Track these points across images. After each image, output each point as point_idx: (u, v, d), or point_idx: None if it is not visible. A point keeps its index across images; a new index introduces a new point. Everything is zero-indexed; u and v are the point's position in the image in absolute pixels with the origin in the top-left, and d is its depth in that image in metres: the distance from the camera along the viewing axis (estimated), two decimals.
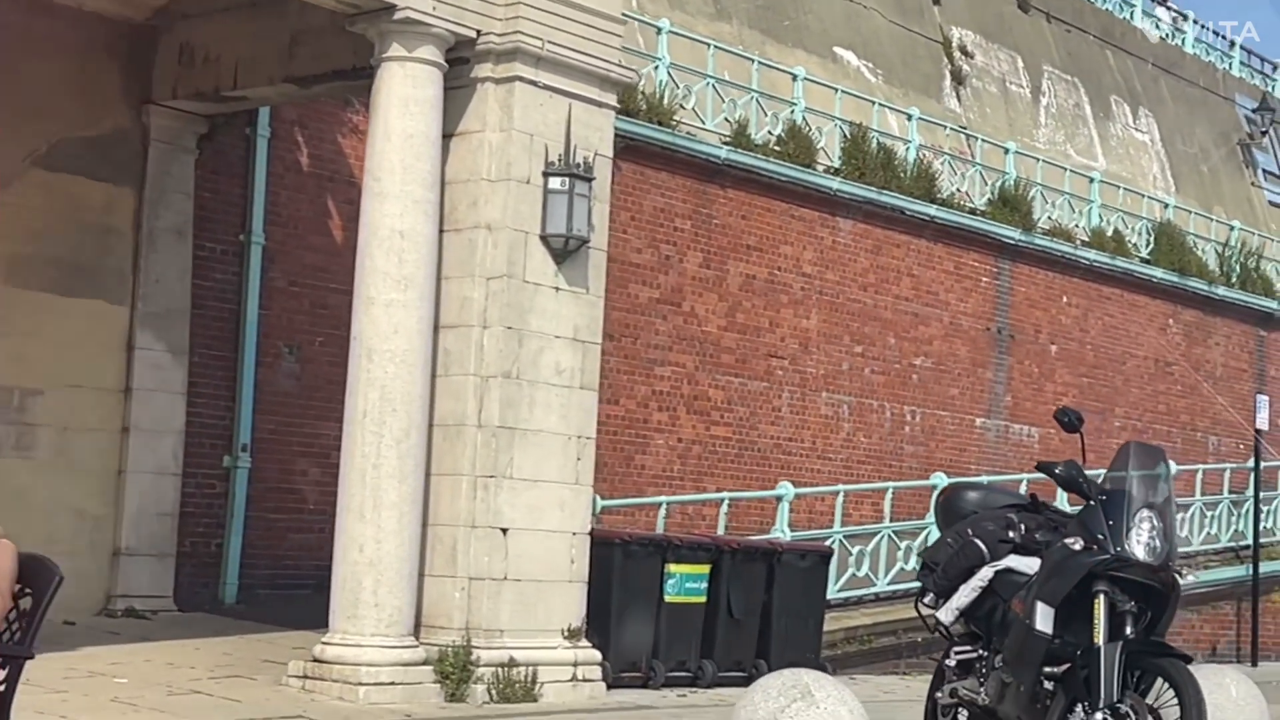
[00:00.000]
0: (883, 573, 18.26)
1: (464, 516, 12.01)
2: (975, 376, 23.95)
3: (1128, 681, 7.68)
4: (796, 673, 6.63)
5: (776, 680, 6.61)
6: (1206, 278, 28.23)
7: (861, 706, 6.60)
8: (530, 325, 12.27)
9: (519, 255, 12.21)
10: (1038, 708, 7.98)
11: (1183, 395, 27.87)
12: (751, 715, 6.53)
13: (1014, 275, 24.71)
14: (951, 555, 8.76)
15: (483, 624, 11.94)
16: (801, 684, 6.53)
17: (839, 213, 21.83)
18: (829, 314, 21.69)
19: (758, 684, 6.69)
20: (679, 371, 19.72)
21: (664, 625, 13.73)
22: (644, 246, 19.38)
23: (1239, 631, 22.88)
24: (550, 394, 12.40)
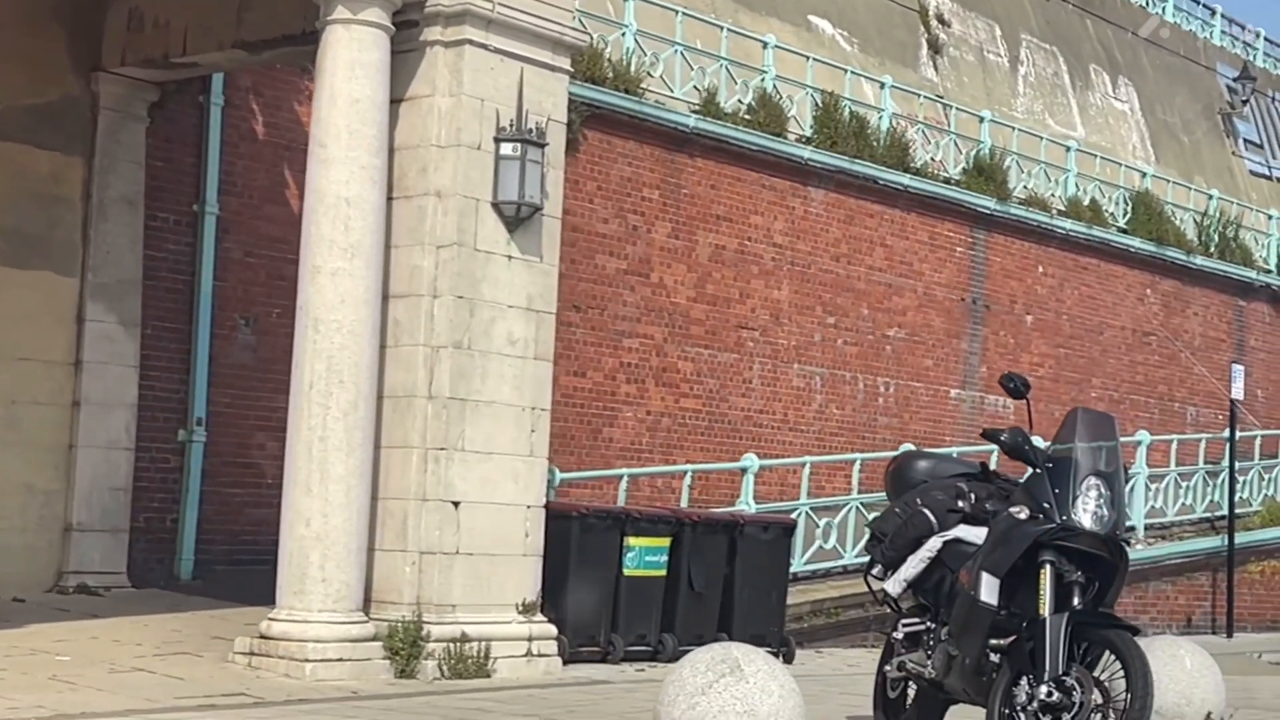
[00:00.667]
0: (850, 545, 18.06)
1: (414, 490, 11.78)
2: (950, 347, 23.75)
3: (1074, 653, 7.48)
4: (726, 647, 6.42)
5: (706, 655, 6.40)
6: (1185, 247, 28.04)
7: (793, 681, 6.40)
8: (482, 294, 12.02)
9: (470, 223, 11.96)
10: (983, 680, 7.78)
11: (1160, 365, 27.70)
12: (680, 690, 6.33)
13: (989, 245, 24.50)
14: (899, 526, 8.55)
15: (434, 599, 11.71)
16: (731, 659, 6.32)
17: (810, 182, 21.60)
18: (800, 285, 21.47)
19: (686, 659, 6.48)
20: (647, 343, 19.49)
21: (623, 599, 13.52)
22: (611, 217, 19.13)
23: (1214, 603, 22.71)
24: (503, 365, 12.16)
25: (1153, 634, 21.69)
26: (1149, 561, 21.53)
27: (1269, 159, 38.30)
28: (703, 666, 6.31)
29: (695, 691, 6.25)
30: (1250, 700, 12.69)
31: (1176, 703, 8.41)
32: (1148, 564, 21.54)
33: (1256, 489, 24.59)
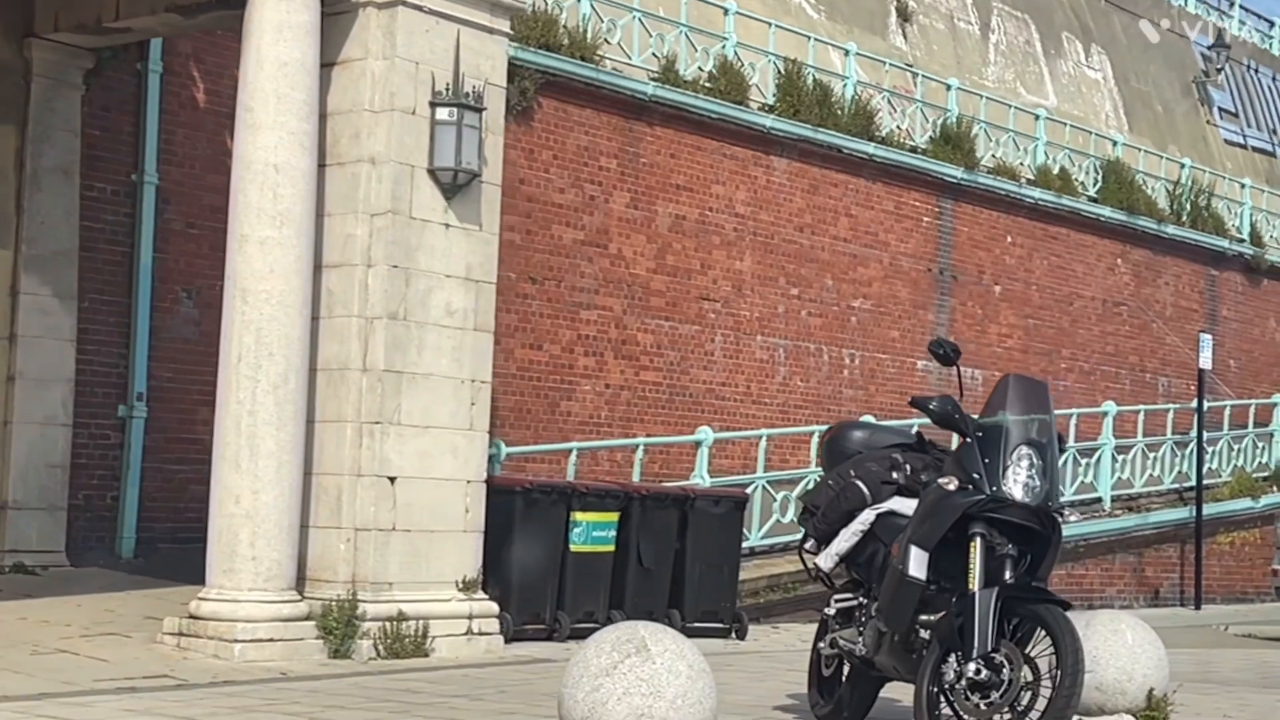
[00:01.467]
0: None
1: (349, 465, 11.48)
2: (916, 318, 23.46)
3: (1004, 629, 7.21)
4: (633, 626, 6.12)
5: (611, 634, 6.10)
6: (1156, 216, 27.75)
7: (704, 661, 6.11)
8: (418, 264, 11.70)
9: (405, 190, 11.63)
10: (913, 658, 7.51)
11: (1131, 336, 27.45)
12: (583, 672, 6.03)
13: (956, 215, 24.20)
14: (831, 498, 8.29)
15: (370, 577, 11.42)
16: (637, 638, 6.02)
17: (773, 151, 21.27)
18: (763, 255, 21.16)
19: (593, 638, 6.18)
20: (606, 315, 19.18)
21: (570, 575, 13.23)
22: (567, 186, 18.80)
23: (1183, 574, 22.49)
24: (441, 336, 11.85)
25: (1119, 607, 21.52)
26: (1115, 533, 21.30)
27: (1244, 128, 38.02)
28: (608, 646, 6.02)
29: (599, 673, 5.96)
30: (1208, 674, 12.46)
31: (1117, 679, 8.13)
32: (1114, 536, 21.33)
33: (1226, 460, 24.34)
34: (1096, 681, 8.18)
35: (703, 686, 6.02)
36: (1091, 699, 8.20)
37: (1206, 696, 10.51)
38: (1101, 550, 21.25)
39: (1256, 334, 30.35)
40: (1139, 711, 8.20)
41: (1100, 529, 20.93)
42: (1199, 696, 10.48)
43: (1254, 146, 37.96)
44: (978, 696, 7.07)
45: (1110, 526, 21.06)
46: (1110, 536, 21.20)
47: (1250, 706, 10.00)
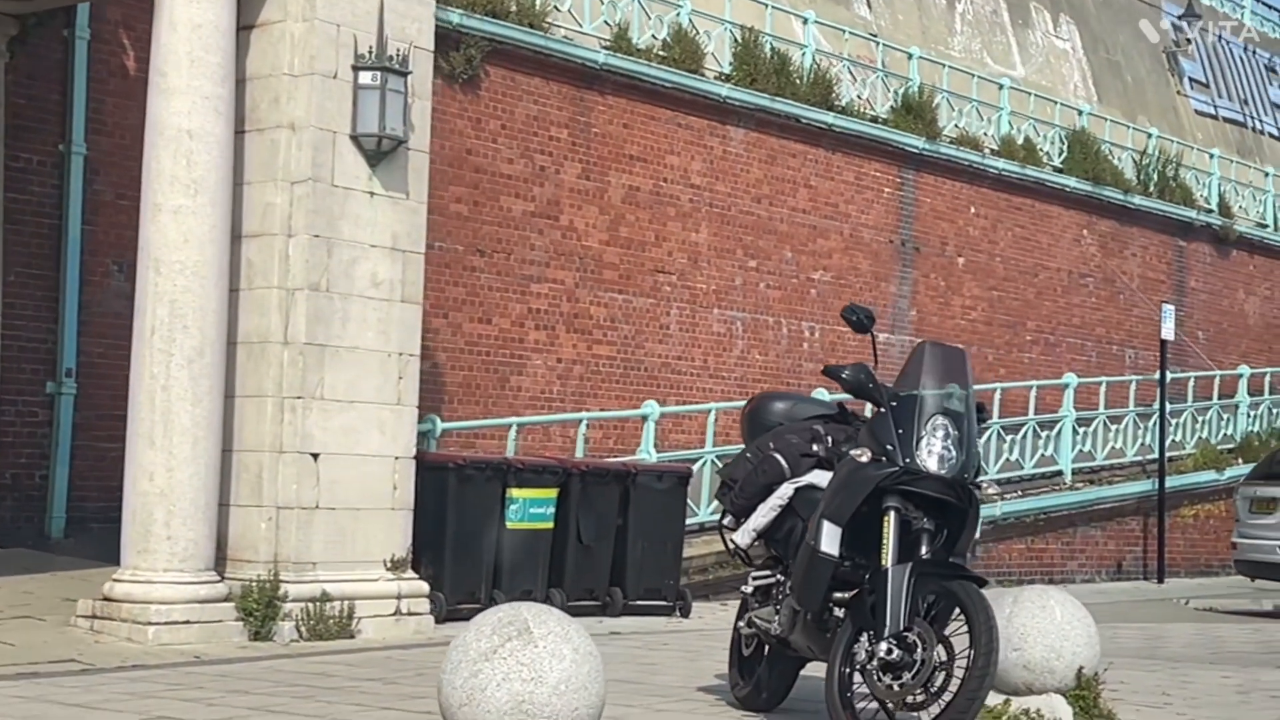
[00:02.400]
0: None
1: (270, 441, 11.12)
2: (878, 290, 23.12)
3: (919, 607, 6.89)
4: (517, 607, 5.78)
5: (493, 616, 5.76)
6: (1123, 186, 27.44)
7: (591, 644, 5.77)
8: (341, 233, 11.34)
9: (326, 157, 11.26)
10: (827, 637, 7.19)
11: (1098, 308, 27.15)
12: (462, 656, 5.69)
13: (919, 186, 23.86)
14: (749, 472, 7.97)
15: (292, 556, 11.07)
16: (519, 620, 5.68)
17: (729, 121, 20.91)
18: (720, 227, 20.81)
19: (474, 621, 5.85)
20: (557, 288, 18.82)
21: (506, 553, 12.90)
22: (516, 157, 18.42)
23: (1146, 548, 22.21)
24: (366, 308, 11.49)
25: (1081, 581, 21.27)
26: (1076, 506, 21.02)
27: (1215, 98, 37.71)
28: (488, 629, 5.68)
29: (478, 658, 5.62)
30: (1157, 650, 12.18)
31: (1045, 656, 7.80)
32: (1075, 509, 21.05)
33: (1190, 432, 24.07)
34: (1024, 660, 7.85)
35: (589, 671, 5.68)
36: (1019, 678, 7.89)
37: (1150, 674, 10.22)
38: (1062, 524, 20.97)
39: (1225, 305, 30.09)
40: (1068, 691, 7.88)
41: (1061, 502, 20.65)
42: (1143, 674, 10.19)
43: (1225, 117, 37.65)
44: (890, 677, 6.76)
45: (1071, 500, 20.76)
46: (1071, 510, 20.91)
47: (1192, 684, 9.71)
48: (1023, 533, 20.33)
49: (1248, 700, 8.93)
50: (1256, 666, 10.84)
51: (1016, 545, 20.26)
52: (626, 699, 8.51)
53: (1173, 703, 8.78)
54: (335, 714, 7.89)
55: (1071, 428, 21.49)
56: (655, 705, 8.35)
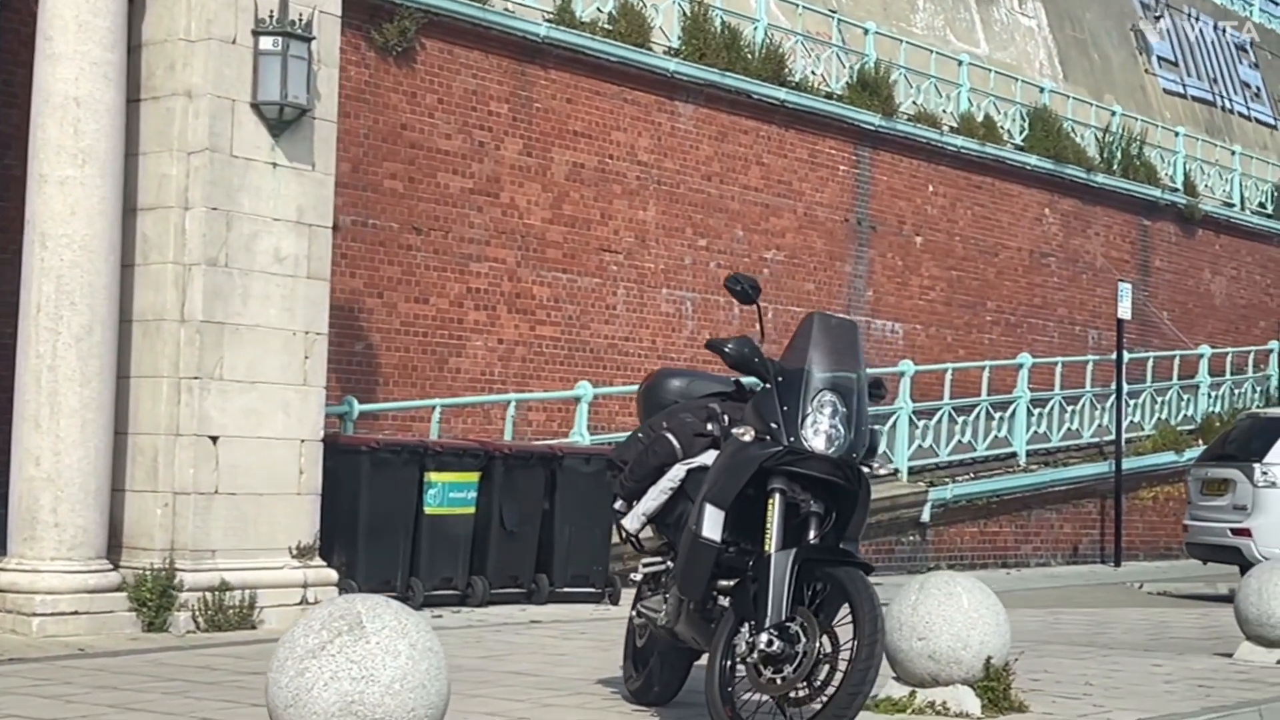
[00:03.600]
0: None
1: (166, 424, 10.64)
2: (833, 270, 22.69)
3: (803, 596, 6.45)
4: (351, 600, 5.33)
5: (324, 611, 5.31)
6: (1085, 165, 27.01)
7: (433, 638, 5.32)
8: (241, 206, 10.85)
9: (225, 126, 10.77)
10: (711, 628, 6.74)
11: (1060, 288, 26.74)
12: (290, 653, 5.24)
13: (875, 163, 23.41)
14: (640, 452, 7.51)
15: (189, 544, 10.59)
16: (352, 614, 5.23)
17: (678, 96, 20.44)
18: (668, 205, 20.35)
19: (305, 615, 5.40)
20: (498, 268, 18.34)
21: (425, 540, 12.45)
22: (454, 132, 17.93)
23: (1103, 530, 21.81)
24: (269, 284, 11.01)
25: (1035, 565, 20.87)
26: (1030, 489, 20.60)
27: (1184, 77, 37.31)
28: (317, 624, 5.23)
29: (305, 654, 5.17)
30: (1096, 636, 11.77)
31: (952, 646, 7.38)
32: (1029, 491, 20.62)
33: (1149, 413, 23.66)
34: (929, 650, 7.44)
35: (427, 668, 5.23)
36: (924, 668, 7.48)
37: (1080, 661, 9.80)
38: (1016, 506, 20.55)
39: (1190, 285, 29.71)
40: (976, 682, 7.46)
41: (1014, 484, 20.22)
42: (1072, 662, 9.77)
43: (1194, 96, 37.23)
44: (771, 670, 6.32)
45: (1024, 482, 20.34)
46: (1025, 492, 20.48)
47: (1121, 672, 9.29)
48: (975, 516, 19.90)
49: (1172, 690, 8.51)
50: (1193, 654, 10.43)
51: (968, 528, 19.84)
52: (516, 693, 8.08)
53: (1092, 693, 8.35)
54: (199, 711, 7.43)
55: (1026, 409, 21.07)
56: (545, 700, 7.91)
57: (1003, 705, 7.49)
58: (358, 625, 5.23)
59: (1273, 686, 8.69)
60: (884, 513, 18.29)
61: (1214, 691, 8.48)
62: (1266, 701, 8.10)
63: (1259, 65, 39.91)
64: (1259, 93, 39.79)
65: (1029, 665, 9.43)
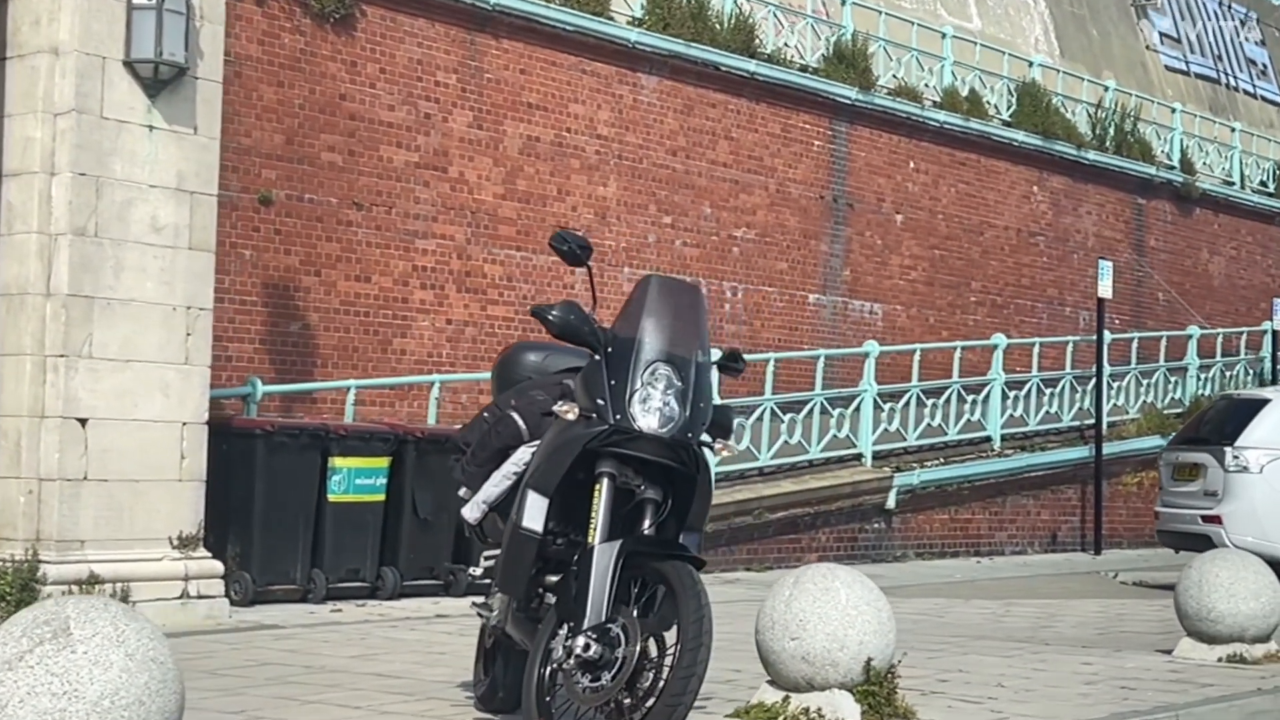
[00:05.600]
0: None
1: (30, 405, 9.92)
2: (807, 249, 21.90)
3: (629, 593, 5.70)
4: (62, 603, 4.60)
5: (29, 615, 4.57)
6: (1076, 141, 26.13)
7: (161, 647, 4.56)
8: (113, 171, 10.12)
9: (94, 86, 10.03)
10: (540, 629, 5.99)
11: (1049, 268, 25.90)
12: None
13: (852, 139, 22.60)
14: (484, 434, 6.75)
15: (55, 534, 9.87)
16: (60, 618, 4.50)
17: (640, 68, 19.66)
18: (630, 180, 19.58)
19: (9, 620, 4.68)
20: (446, 245, 17.59)
21: (329, 529, 11.73)
22: (397, 104, 17.17)
23: (1083, 517, 20.98)
24: (145, 255, 10.27)
25: (1010, 553, 20.07)
26: (1004, 474, 19.78)
27: (1186, 54, 36.40)
28: (18, 631, 4.48)
29: (2, 665, 4.45)
30: (1039, 630, 11.00)
31: (827, 647, 6.62)
32: (1003, 476, 19.80)
33: (1134, 396, 22.81)
34: (803, 651, 6.68)
35: (147, 682, 4.49)
36: (798, 671, 6.71)
37: (1004, 658, 9.04)
38: (989, 492, 19.73)
39: (1188, 265, 28.86)
40: (856, 686, 6.70)
41: (986, 470, 19.40)
42: (996, 659, 9.01)
43: (1197, 73, 36.33)
44: (588, 678, 5.57)
45: (998, 467, 19.51)
46: (999, 477, 19.66)
47: (1044, 671, 8.52)
48: (944, 502, 19.09)
49: (1088, 693, 7.74)
50: (1133, 650, 9.66)
51: (938, 515, 19.02)
52: (359, 698, 7.36)
53: (999, 696, 7.59)
54: None
55: (1001, 391, 20.25)
56: (385, 706, 7.18)
57: (885, 712, 6.74)
58: (64, 632, 4.49)
59: (1202, 688, 7.92)
60: (846, 499, 17.54)
61: (1135, 694, 7.72)
62: (1187, 706, 7.34)
63: (1265, 42, 39.02)
64: (1265, 70, 38.88)
65: (945, 664, 8.72)
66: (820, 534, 17.62)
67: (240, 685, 7.70)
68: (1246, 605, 9.04)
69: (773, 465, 17.12)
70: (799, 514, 17.13)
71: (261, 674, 8.12)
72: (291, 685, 7.74)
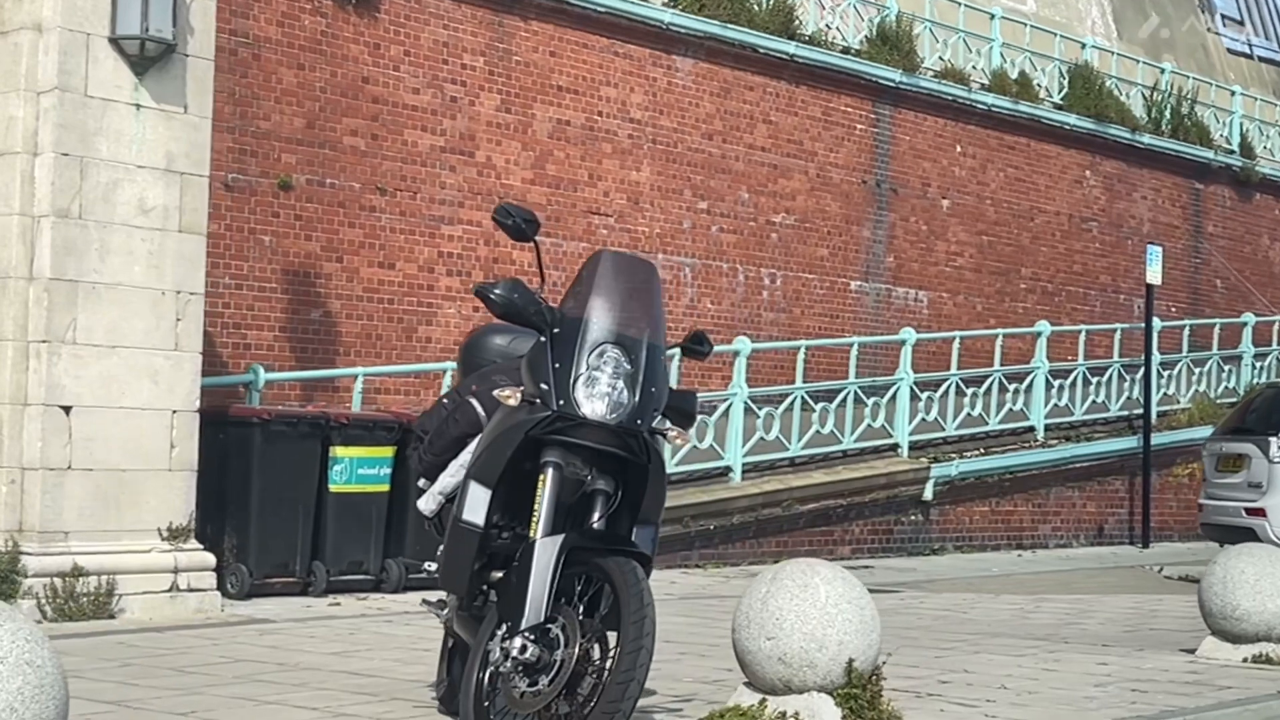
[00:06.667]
0: (668, 452, 15.81)
1: (11, 392, 9.65)
2: (849, 235, 21.41)
3: (573, 591, 5.31)
4: None
5: None
6: (1130, 125, 25.50)
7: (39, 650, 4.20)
8: (98, 151, 9.82)
9: (78, 63, 9.74)
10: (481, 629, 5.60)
11: (1103, 254, 25.29)
12: None
13: (895, 122, 22.09)
14: (441, 422, 6.38)
15: (38, 525, 9.60)
16: None
17: (675, 50, 19.25)
18: (665, 165, 19.18)
19: None
20: (473, 231, 17.25)
21: (331, 520, 11.40)
22: (423, 86, 16.84)
23: (1131, 510, 20.40)
24: (132, 238, 9.97)
25: (1054, 546, 19.54)
26: (1048, 465, 19.23)
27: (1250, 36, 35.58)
28: None
29: None
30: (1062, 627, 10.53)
31: (805, 647, 6.21)
32: (1046, 468, 19.26)
33: (1185, 384, 22.19)
34: (779, 652, 6.27)
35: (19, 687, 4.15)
36: (775, 673, 6.31)
37: (1016, 658, 8.58)
38: (1033, 484, 19.21)
39: (1247, 251, 28.13)
40: (837, 689, 6.29)
41: (1030, 460, 18.87)
42: (1007, 658, 8.56)
43: (1260, 56, 35.50)
44: (525, 682, 5.19)
45: (1041, 458, 18.98)
46: (1043, 468, 19.12)
47: (1054, 672, 8.07)
48: (985, 494, 18.58)
49: (1094, 696, 7.29)
50: (1156, 650, 9.18)
51: (978, 507, 18.52)
52: (321, 699, 7.02)
53: (997, 699, 7.15)
54: None
55: (1044, 380, 19.70)
56: (345, 707, 6.83)
57: (868, 716, 6.31)
58: None
59: (1219, 690, 7.45)
60: (881, 490, 17.08)
61: (1144, 697, 7.26)
62: (1198, 710, 6.88)
63: None
64: None
65: (951, 663, 8.29)
66: (854, 526, 17.17)
67: (202, 684, 7.37)
68: (1273, 602, 8.56)
69: (804, 455, 16.69)
70: (831, 505, 16.68)
71: (230, 671, 7.80)
72: (256, 684, 7.41)
